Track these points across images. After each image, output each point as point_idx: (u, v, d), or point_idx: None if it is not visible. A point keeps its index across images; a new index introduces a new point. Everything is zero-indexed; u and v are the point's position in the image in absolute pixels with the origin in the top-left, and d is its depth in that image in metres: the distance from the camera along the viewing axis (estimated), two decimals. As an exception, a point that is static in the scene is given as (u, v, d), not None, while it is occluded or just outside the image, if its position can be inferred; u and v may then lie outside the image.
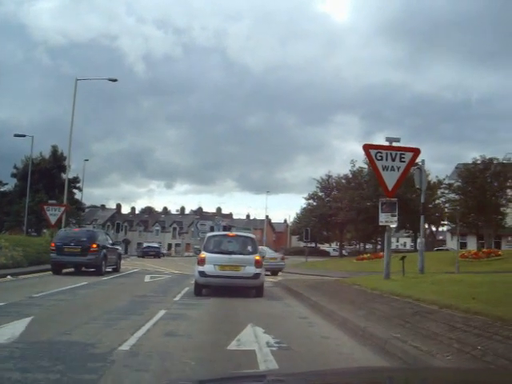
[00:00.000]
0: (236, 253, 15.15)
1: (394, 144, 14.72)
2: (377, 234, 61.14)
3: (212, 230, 66.89)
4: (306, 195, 55.85)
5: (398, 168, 14.29)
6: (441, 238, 76.57)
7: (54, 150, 63.46)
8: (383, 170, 14.23)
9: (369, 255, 39.70)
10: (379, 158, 14.26)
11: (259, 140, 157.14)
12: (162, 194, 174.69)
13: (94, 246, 21.97)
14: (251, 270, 14.77)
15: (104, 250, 22.70)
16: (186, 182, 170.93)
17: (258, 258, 15.11)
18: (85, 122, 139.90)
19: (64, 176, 63.98)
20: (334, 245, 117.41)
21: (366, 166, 48.00)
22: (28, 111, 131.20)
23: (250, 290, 15.21)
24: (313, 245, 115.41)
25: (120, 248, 29.48)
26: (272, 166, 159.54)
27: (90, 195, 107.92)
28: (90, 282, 18.23)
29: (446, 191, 47.83)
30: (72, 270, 23.07)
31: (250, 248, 15.48)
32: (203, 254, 15.23)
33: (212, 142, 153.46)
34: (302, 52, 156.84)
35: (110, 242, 25.54)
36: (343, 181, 51.31)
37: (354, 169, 47.99)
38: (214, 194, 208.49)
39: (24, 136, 42.48)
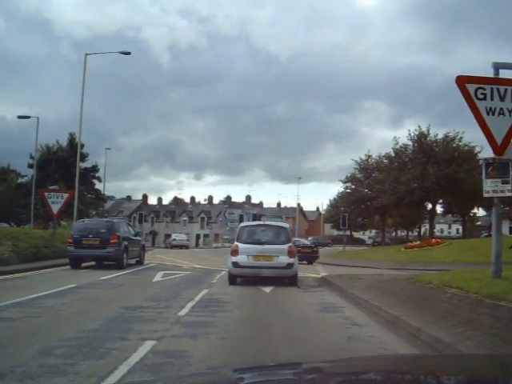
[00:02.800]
0: (269, 243, 15.10)
1: (503, 74, 9.86)
2: (420, 220, 55.97)
3: (241, 218, 62.40)
4: (343, 178, 50.79)
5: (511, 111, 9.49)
6: (479, 223, 70.36)
7: (72, 138, 59.62)
8: (487, 113, 9.44)
9: (419, 242, 34.73)
10: (481, 96, 9.49)
11: (287, 129, 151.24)
12: (192, 185, 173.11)
13: (114, 237, 20.30)
14: (284, 259, 14.76)
15: (125, 242, 21.07)
16: (215, 173, 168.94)
17: (291, 247, 15.14)
18: (112, 115, 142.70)
19: (82, 165, 60.98)
20: (368, 233, 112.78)
21: (410, 143, 42.94)
22: (56, 106, 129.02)
23: (283, 280, 14.95)
24: (347, 233, 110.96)
25: (141, 239, 26.83)
26: (300, 154, 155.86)
27: (119, 188, 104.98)
28: (81, 283, 13.98)
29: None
30: (91, 264, 20.98)
31: (283, 237, 15.44)
32: (236, 245, 15.36)
33: (239, 132, 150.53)
34: (327, 37, 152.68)
35: (133, 233, 23.88)
36: (385, 160, 46.29)
37: (397, 146, 42.99)
38: (243, 184, 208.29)
39: (28, 117, 38.50)
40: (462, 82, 9.52)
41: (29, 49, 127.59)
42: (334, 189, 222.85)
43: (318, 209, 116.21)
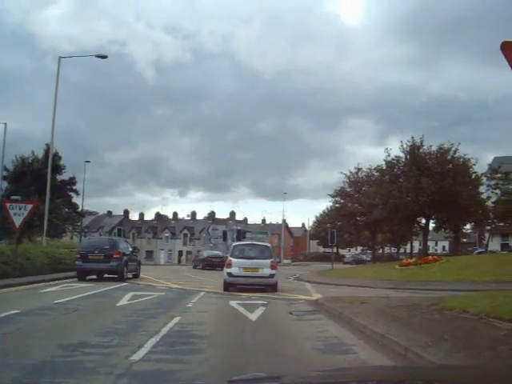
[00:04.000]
0: (256, 258, 18.75)
1: None
2: (411, 236, 53.81)
3: (225, 234, 59.96)
4: (331, 192, 48.53)
5: None
6: (464, 240, 68.21)
7: (48, 149, 56.69)
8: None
9: (414, 260, 32.47)
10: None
11: (272, 146, 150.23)
12: (176, 202, 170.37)
13: (117, 253, 22.93)
14: (268, 271, 18.39)
15: (125, 257, 23.75)
16: (200, 189, 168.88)
17: (273, 262, 18.85)
18: (97, 131, 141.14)
19: (59, 177, 58.22)
20: (354, 250, 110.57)
21: (402, 155, 40.87)
22: (40, 121, 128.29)
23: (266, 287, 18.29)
24: (333, 250, 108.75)
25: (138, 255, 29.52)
26: (285, 171, 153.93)
27: (104, 203, 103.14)
28: (28, 308, 11.50)
29: (501, 182, 40.37)
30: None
31: (266, 254, 19.12)
32: (230, 259, 18.87)
33: (225, 149, 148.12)
34: (313, 55, 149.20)
35: (130, 249, 26.60)
36: (376, 173, 44.11)
37: (389, 158, 40.91)
38: (227, 201, 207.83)
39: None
40: (508, 46, 7.26)
41: (13, 63, 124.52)
42: (319, 206, 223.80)
43: (303, 225, 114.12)
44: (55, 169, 56.96)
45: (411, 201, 37.97)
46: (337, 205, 49.22)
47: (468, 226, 54.57)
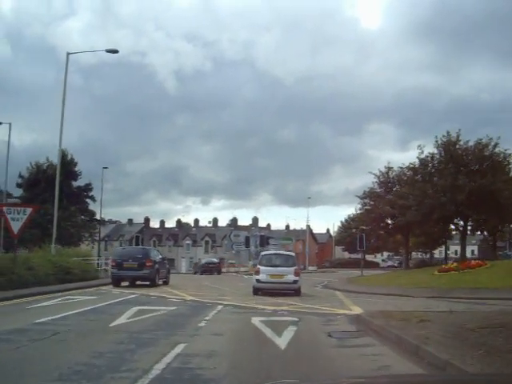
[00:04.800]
0: (281, 266, 20.89)
1: None
2: (446, 239, 50.41)
3: (247, 241, 57.33)
4: (359, 194, 45.36)
5: None
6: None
7: (63, 155, 54.74)
8: None
9: (455, 265, 29.42)
10: None
11: (294, 152, 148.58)
12: (199, 210, 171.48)
13: (149, 261, 24.72)
14: (291, 277, 20.42)
15: (156, 265, 25.44)
16: (222, 197, 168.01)
17: (296, 269, 21.09)
18: (119, 141, 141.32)
19: (74, 184, 56.20)
20: (380, 255, 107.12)
21: (437, 152, 37.80)
22: (65, 134, 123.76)
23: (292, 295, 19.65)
24: (358, 256, 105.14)
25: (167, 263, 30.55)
26: (308, 178, 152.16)
27: (128, 213, 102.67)
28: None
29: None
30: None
31: (290, 262, 21.28)
32: (258, 267, 21.13)
33: (246, 157, 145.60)
34: (332, 60, 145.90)
35: (160, 257, 27.88)
36: (408, 172, 41.03)
37: (422, 156, 37.91)
38: (250, 208, 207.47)
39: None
40: None
41: (36, 76, 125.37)
42: (342, 212, 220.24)
43: (328, 231, 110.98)
44: (70, 175, 55.14)
45: (448, 200, 34.91)
46: (366, 207, 46.12)
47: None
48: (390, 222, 44.30)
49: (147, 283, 24.46)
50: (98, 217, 59.55)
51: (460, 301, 19.35)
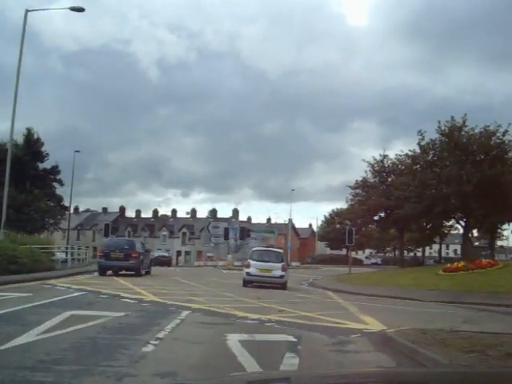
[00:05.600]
0: (269, 261, 22.45)
1: None
2: (442, 236, 46.74)
3: (227, 232, 53.23)
4: (352, 184, 41.19)
5: None
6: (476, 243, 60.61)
7: (28, 133, 50.20)
8: None
9: (463, 264, 25.79)
10: None
11: (277, 147, 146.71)
12: (179, 202, 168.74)
13: (135, 252, 26.16)
14: (278, 272, 21.94)
15: (141, 256, 26.87)
16: (203, 190, 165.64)
17: (283, 265, 22.66)
18: (101, 130, 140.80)
19: (40, 166, 51.61)
20: (361, 253, 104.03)
21: (438, 138, 34.08)
22: (43, 121, 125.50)
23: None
24: (343, 252, 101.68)
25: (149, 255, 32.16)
26: (289, 173, 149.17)
27: (108, 203, 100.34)
28: None
29: None
30: None
31: (278, 258, 23.00)
32: (249, 261, 22.75)
33: (229, 150, 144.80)
34: (318, 55, 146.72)
35: (144, 249, 29.95)
36: (407, 161, 37.16)
37: (423, 143, 34.12)
38: (230, 202, 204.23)
39: None
40: None
41: (14, 61, 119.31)
42: (323, 208, 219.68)
43: (310, 226, 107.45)
44: (36, 155, 50.56)
45: (452, 192, 31.24)
46: (358, 198, 42.14)
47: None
48: (382, 215, 40.52)
49: (132, 273, 25.67)
50: (66, 203, 55.36)
51: (484, 308, 15.80)
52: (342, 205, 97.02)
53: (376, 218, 42.22)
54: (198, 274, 35.38)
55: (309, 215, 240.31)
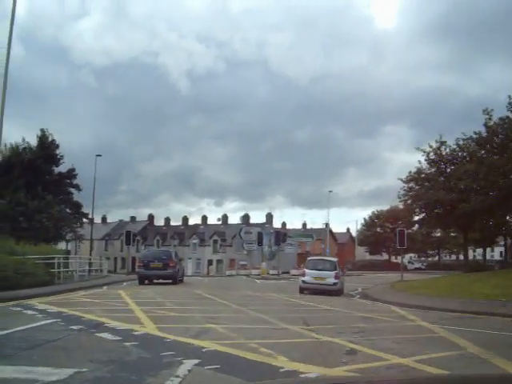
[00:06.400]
0: (323, 270, 23.36)
1: None
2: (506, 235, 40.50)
3: (260, 237, 48.21)
4: (405, 177, 35.33)
5: None
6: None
7: (43, 135, 46.11)
8: None
9: None
10: None
11: (308, 154, 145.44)
12: (212, 211, 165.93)
13: (172, 262, 27.85)
14: (332, 280, 22.82)
15: (177, 266, 28.98)
16: (236, 199, 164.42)
17: (337, 273, 23.24)
18: (133, 142, 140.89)
19: (56, 169, 47.40)
20: (401, 257, 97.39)
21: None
22: (79, 135, 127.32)
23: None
24: (384, 257, 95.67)
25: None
26: (322, 180, 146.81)
27: (142, 215, 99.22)
28: None
29: None
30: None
31: (332, 267, 23.66)
32: (304, 270, 24.13)
33: (260, 159, 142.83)
34: (347, 60, 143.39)
35: (176, 258, 29.88)
36: (472, 144, 31.35)
37: (491, 123, 28.55)
38: (263, 210, 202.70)
39: None
40: None
41: (49, 78, 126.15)
42: (356, 214, 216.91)
43: (348, 230, 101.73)
44: (50, 158, 46.29)
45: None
46: (410, 193, 36.28)
47: None
48: (437, 211, 34.69)
49: (169, 281, 27.08)
50: (87, 213, 51.07)
51: None
52: (378, 208, 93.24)
53: (434, 213, 36.21)
54: (228, 285, 30.45)
55: (343, 221, 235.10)
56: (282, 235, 45.55)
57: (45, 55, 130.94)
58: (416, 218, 37.68)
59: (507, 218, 35.96)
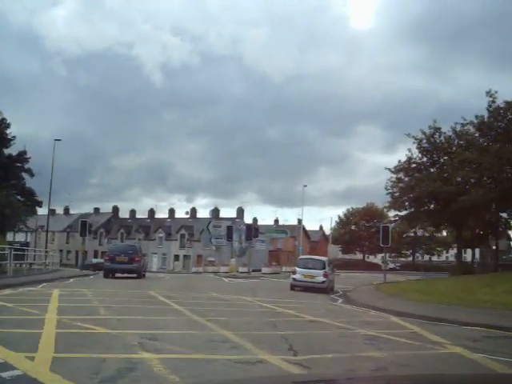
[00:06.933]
0: (313, 268, 24.33)
1: None
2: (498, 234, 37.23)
3: (230, 232, 44.43)
4: (392, 167, 31.77)
5: None
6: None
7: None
8: None
9: None
10: None
11: (280, 152, 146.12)
12: (183, 207, 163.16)
13: (138, 256, 28.70)
14: (320, 278, 23.78)
15: (142, 260, 30.26)
16: (207, 195, 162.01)
17: (325, 272, 24.05)
18: (104, 135, 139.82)
19: (5, 151, 42.80)
20: (373, 257, 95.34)
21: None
22: (47, 125, 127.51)
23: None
24: (358, 257, 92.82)
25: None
26: (294, 178, 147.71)
27: (106, 207, 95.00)
28: None
29: None
30: None
31: (321, 265, 24.50)
32: (295, 268, 25.12)
33: (233, 155, 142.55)
34: (322, 59, 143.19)
35: (141, 253, 30.98)
36: (471, 129, 27.97)
37: (494, 105, 25.27)
38: (234, 208, 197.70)
39: None
40: None
41: (19, 65, 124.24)
42: (327, 213, 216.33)
43: (321, 228, 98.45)
44: (-1, 139, 41.97)
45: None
46: (401, 184, 32.72)
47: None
48: (431, 205, 31.35)
49: (134, 275, 27.47)
50: (41, 201, 46.49)
51: None
52: (351, 207, 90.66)
53: (426, 208, 32.74)
54: (191, 284, 26.61)
55: (315, 219, 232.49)
56: (253, 230, 41.81)
57: (16, 41, 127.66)
58: (403, 212, 33.94)
59: (502, 214, 32.88)
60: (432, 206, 32.48)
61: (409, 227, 52.35)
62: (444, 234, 63.70)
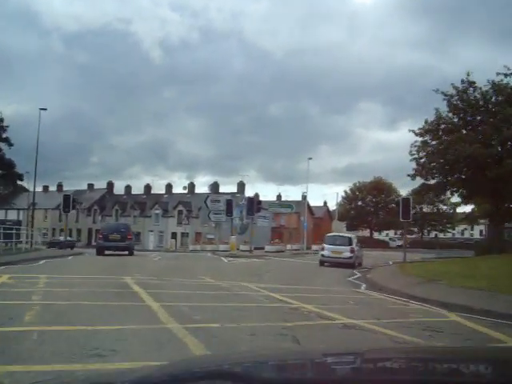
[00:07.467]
0: (340, 245, 25.41)
1: None
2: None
3: (230, 206, 40.51)
4: (417, 129, 27.46)
5: None
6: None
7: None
8: None
9: None
10: None
11: (282, 129, 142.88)
12: (183, 184, 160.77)
13: (130, 235, 30.43)
14: (347, 254, 24.92)
15: (133, 238, 32.07)
16: (208, 173, 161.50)
17: (352, 248, 25.25)
18: (104, 113, 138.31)
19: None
20: (388, 234, 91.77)
21: None
22: (45, 102, 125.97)
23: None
24: (365, 234, 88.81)
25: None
26: (295, 155, 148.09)
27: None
28: None
29: None
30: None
31: (348, 242, 25.70)
32: (323, 245, 26.32)
33: (234, 132, 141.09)
34: (323, 34, 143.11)
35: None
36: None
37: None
38: (235, 185, 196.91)
39: None
40: None
41: (16, 42, 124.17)
42: (328, 190, 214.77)
43: (325, 203, 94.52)
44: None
45: None
46: (429, 148, 28.19)
47: None
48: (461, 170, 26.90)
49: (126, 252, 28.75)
50: (22, 173, 42.58)
51: None
52: (354, 182, 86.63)
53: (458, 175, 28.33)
54: (184, 265, 22.79)
55: (316, 196, 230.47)
56: (255, 203, 37.87)
57: (12, 17, 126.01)
58: (431, 181, 29.69)
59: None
60: (465, 173, 28.19)
61: (435, 198, 48.07)
62: (465, 208, 59.46)
